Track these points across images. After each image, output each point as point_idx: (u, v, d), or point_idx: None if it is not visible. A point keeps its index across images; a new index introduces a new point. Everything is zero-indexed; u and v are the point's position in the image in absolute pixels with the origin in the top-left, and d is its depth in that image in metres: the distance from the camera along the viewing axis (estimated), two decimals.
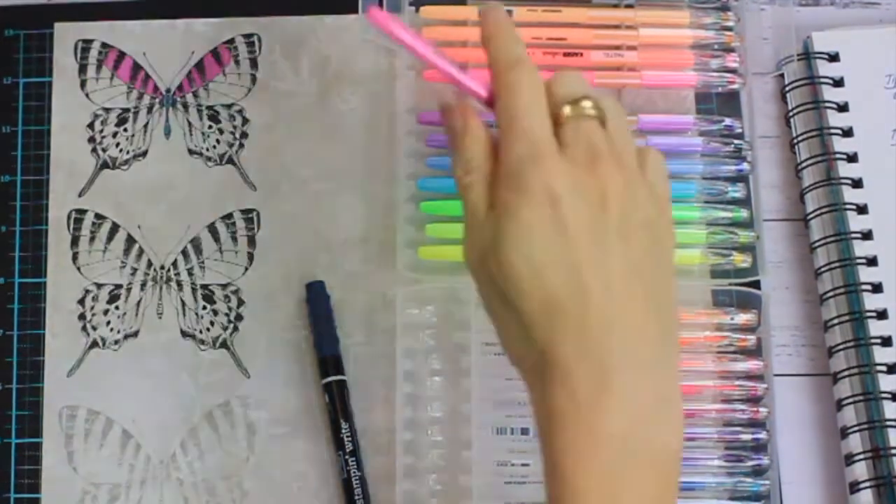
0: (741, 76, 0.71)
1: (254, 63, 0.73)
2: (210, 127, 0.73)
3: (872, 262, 0.68)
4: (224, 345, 0.70)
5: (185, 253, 0.71)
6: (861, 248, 0.68)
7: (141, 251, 0.71)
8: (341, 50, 0.73)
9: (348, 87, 0.73)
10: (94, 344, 0.70)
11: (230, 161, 0.72)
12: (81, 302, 0.70)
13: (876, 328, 0.67)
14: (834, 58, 0.72)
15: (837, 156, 0.70)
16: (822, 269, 0.69)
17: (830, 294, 0.69)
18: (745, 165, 0.70)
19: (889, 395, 0.66)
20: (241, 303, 0.70)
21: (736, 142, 0.71)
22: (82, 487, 0.68)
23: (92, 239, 0.71)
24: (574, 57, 0.71)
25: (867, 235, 0.69)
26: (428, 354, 0.69)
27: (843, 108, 0.71)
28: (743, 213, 0.70)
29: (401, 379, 0.68)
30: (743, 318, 0.68)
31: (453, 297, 0.69)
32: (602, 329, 0.48)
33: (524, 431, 0.67)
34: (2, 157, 0.72)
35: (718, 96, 0.72)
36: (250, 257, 0.71)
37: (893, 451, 0.65)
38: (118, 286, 0.71)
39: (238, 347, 0.70)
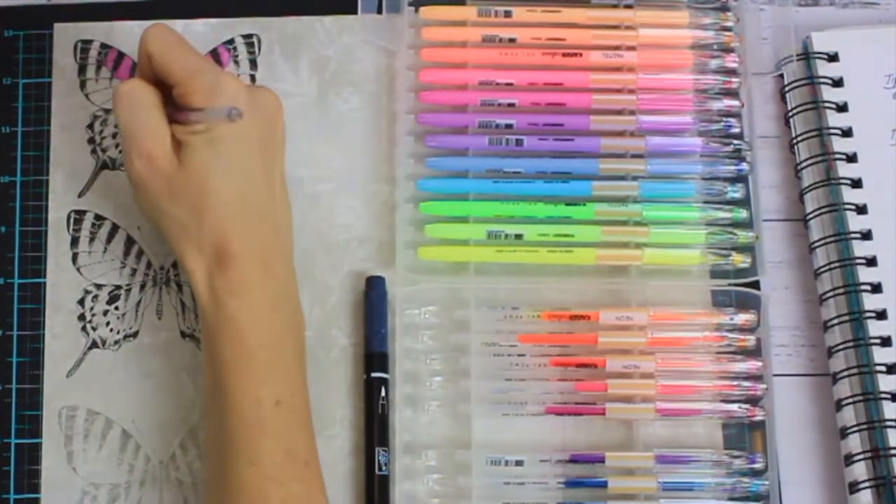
0: (740, 76, 0.71)
1: (253, 63, 0.73)
2: None
3: (872, 262, 0.68)
4: None
5: None
6: (860, 249, 0.68)
7: (140, 252, 0.71)
8: (341, 50, 0.73)
9: (348, 88, 0.73)
10: (94, 344, 0.70)
11: None
12: (81, 302, 0.70)
13: (875, 328, 0.67)
14: (833, 58, 0.72)
15: (837, 156, 0.70)
16: (822, 270, 0.69)
17: (830, 294, 0.69)
18: (744, 166, 0.70)
19: (888, 396, 0.66)
20: None
21: (735, 142, 0.71)
22: (82, 488, 0.68)
23: (92, 240, 0.71)
24: (573, 57, 0.71)
25: (866, 235, 0.69)
26: (427, 355, 0.69)
27: (842, 108, 0.71)
28: (742, 214, 0.70)
29: (400, 379, 0.68)
30: (742, 318, 0.68)
31: (453, 298, 0.69)
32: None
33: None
34: (2, 157, 0.72)
35: (717, 97, 0.71)
36: None
37: (893, 452, 0.65)
38: (118, 287, 0.71)
39: None
